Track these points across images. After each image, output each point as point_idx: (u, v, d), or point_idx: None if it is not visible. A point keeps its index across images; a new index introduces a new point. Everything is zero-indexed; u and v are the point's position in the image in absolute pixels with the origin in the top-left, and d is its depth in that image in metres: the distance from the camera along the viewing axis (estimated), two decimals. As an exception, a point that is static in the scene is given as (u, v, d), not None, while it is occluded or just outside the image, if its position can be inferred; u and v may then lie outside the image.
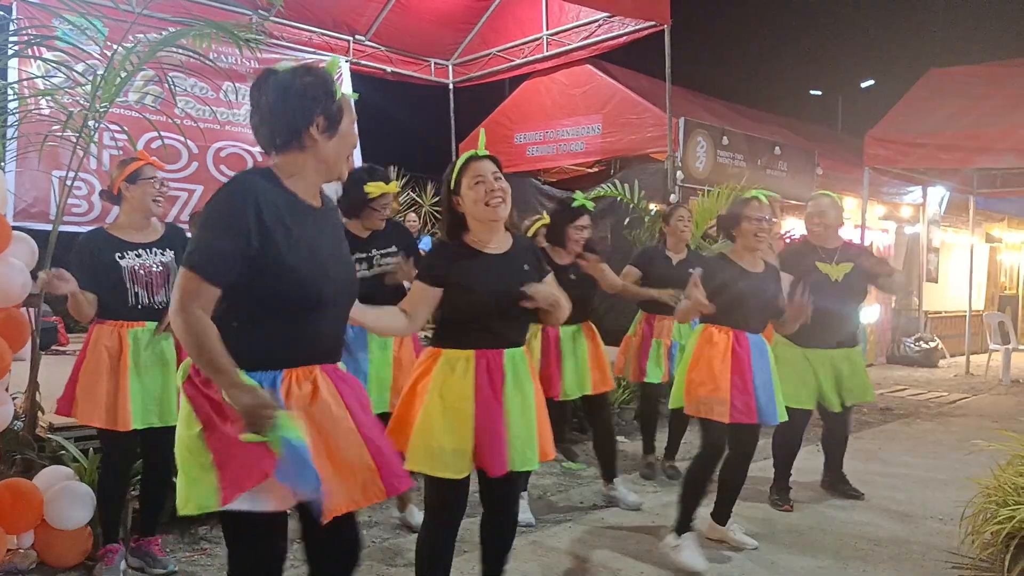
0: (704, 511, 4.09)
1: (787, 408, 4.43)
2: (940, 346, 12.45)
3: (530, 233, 4.69)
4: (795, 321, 3.96)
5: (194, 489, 2.03)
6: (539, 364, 4.42)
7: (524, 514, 4.35)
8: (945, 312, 13.53)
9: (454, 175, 2.84)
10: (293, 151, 2.12)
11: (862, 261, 4.78)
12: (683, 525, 3.90)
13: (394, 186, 3.99)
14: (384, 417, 2.70)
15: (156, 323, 3.54)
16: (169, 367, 3.53)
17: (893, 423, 7.63)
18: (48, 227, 4.75)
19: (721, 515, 4.17)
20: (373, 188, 3.85)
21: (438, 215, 10.31)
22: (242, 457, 1.98)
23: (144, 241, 3.59)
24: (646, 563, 3.91)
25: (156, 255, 3.58)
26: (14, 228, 3.64)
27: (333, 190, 3.10)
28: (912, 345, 12.28)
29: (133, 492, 3.81)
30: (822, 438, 5.24)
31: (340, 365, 2.27)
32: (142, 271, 3.52)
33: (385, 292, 3.69)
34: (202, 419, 2.03)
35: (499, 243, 2.88)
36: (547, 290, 2.82)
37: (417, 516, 4.15)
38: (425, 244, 8.99)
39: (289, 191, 2.12)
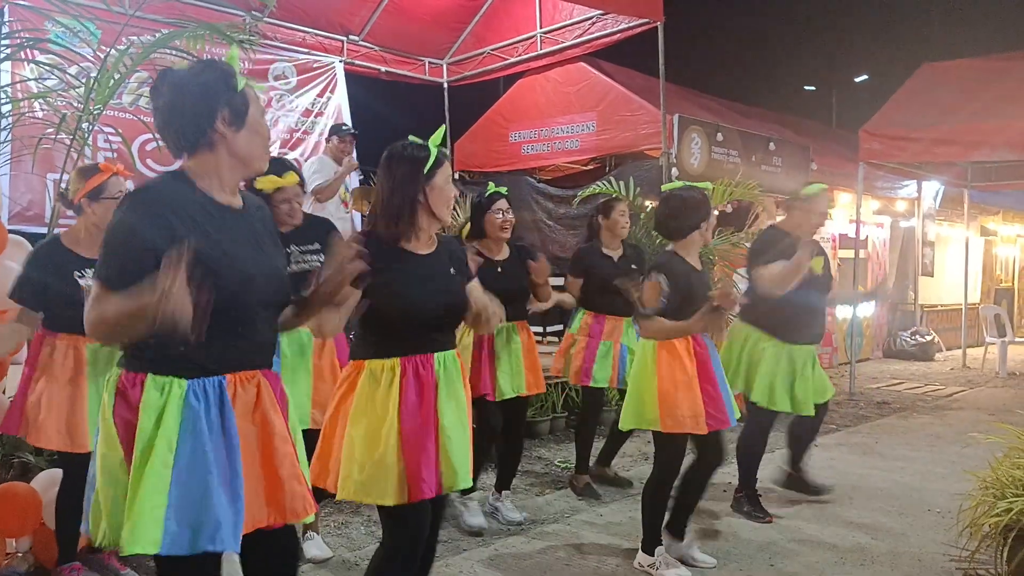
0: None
1: (759, 408, 4.45)
2: (936, 340, 12.48)
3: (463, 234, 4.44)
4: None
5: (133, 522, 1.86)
6: (470, 362, 4.16)
7: (476, 518, 4.26)
8: (941, 306, 13.57)
9: (428, 168, 2.60)
10: (203, 150, 2.03)
11: (825, 256, 4.63)
12: (652, 541, 3.73)
13: (291, 178, 3.60)
14: (308, 435, 2.42)
15: None
16: None
17: (890, 417, 7.64)
18: (43, 230, 4.74)
19: (679, 530, 3.89)
20: (264, 183, 3.47)
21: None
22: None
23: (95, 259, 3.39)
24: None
25: None
26: (9, 231, 3.63)
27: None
28: (908, 339, 12.30)
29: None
30: (789, 433, 4.93)
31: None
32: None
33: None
34: (125, 448, 1.91)
35: (427, 243, 2.68)
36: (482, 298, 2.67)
37: (311, 547, 3.83)
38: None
39: (203, 192, 2.02)
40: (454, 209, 10.70)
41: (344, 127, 6.47)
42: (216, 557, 1.98)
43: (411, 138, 2.66)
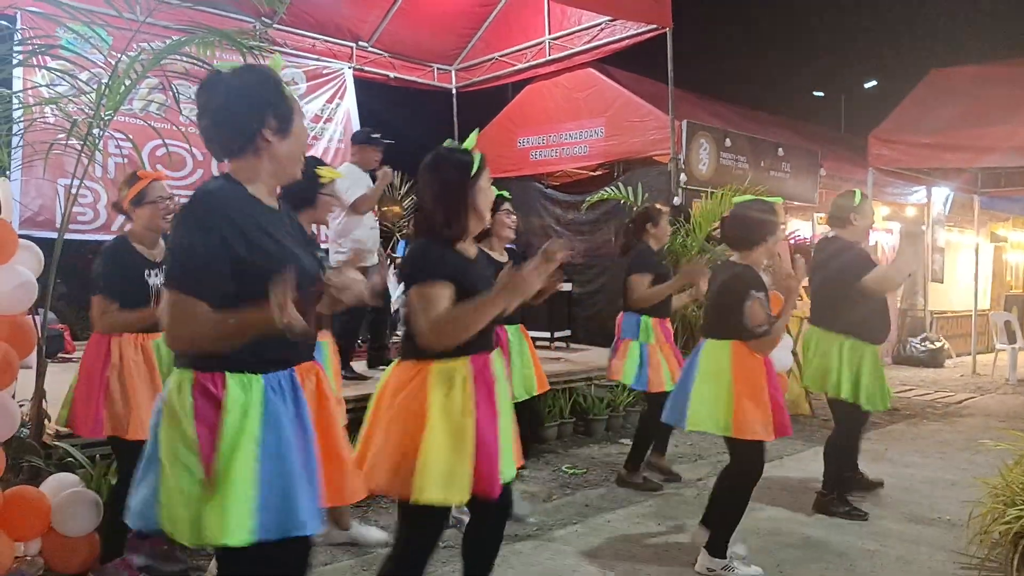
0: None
1: (854, 410, 4.68)
2: (946, 346, 12.42)
3: None
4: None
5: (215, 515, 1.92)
6: None
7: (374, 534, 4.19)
8: (951, 312, 13.51)
9: (473, 172, 2.65)
10: (248, 156, 2.08)
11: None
12: (722, 548, 3.78)
13: (337, 173, 3.73)
14: None
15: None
16: None
17: (900, 423, 7.61)
18: (54, 235, 4.76)
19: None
20: (327, 173, 3.55)
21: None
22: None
23: (159, 260, 3.55)
24: (653, 565, 3.91)
25: None
26: (20, 237, 3.65)
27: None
28: (918, 345, 12.25)
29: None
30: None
31: None
32: (161, 289, 3.50)
33: None
34: (204, 447, 1.96)
35: (472, 246, 2.78)
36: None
37: (364, 532, 4.10)
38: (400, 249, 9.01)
39: (251, 195, 2.08)
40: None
41: (375, 135, 6.30)
42: (302, 541, 2.07)
43: (448, 142, 2.74)
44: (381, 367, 6.16)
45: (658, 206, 5.48)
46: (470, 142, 2.31)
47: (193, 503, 1.94)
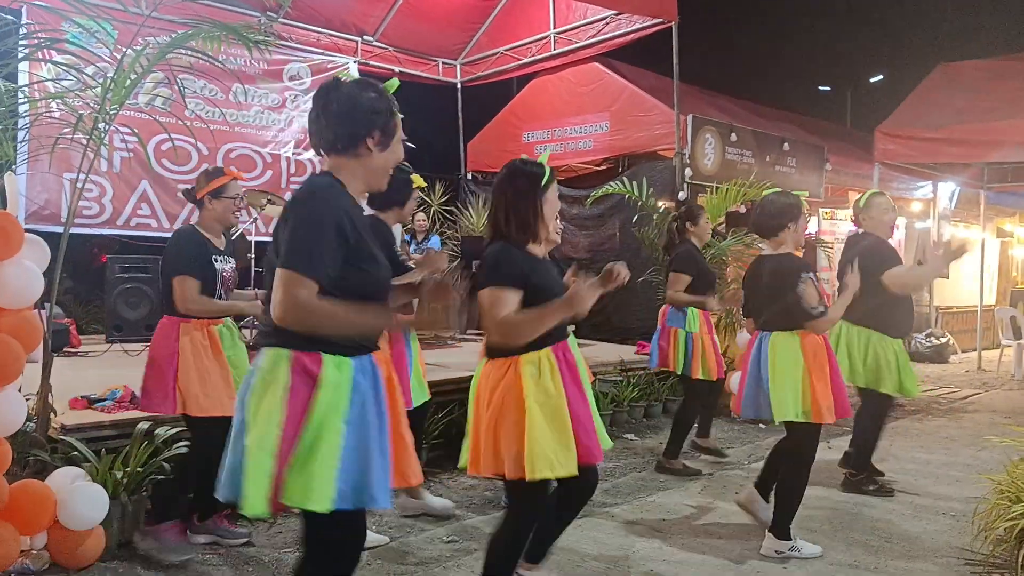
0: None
1: (880, 397, 5.00)
2: (951, 342, 12.40)
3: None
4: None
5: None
6: None
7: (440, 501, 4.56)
8: (956, 307, 13.48)
9: (543, 183, 2.96)
10: (349, 157, 2.31)
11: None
12: (786, 531, 3.97)
13: (421, 180, 4.26)
14: None
15: (227, 320, 3.93)
16: (243, 355, 3.92)
17: (904, 419, 7.60)
18: (59, 229, 4.77)
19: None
20: (418, 180, 4.13)
21: (446, 215, 10.32)
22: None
23: (221, 248, 3.95)
24: (709, 538, 3.92)
25: (229, 262, 3.96)
26: (25, 231, 3.66)
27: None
28: (923, 341, 12.23)
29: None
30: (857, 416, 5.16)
31: None
32: (224, 274, 3.89)
33: None
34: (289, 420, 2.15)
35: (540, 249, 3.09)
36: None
37: (432, 500, 4.52)
38: (434, 243, 9.00)
39: (351, 197, 2.32)
40: (466, 209, 10.67)
41: None
42: (363, 514, 2.31)
43: (523, 157, 3.12)
44: None
45: (699, 204, 5.76)
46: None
47: (268, 472, 2.11)
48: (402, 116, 2.39)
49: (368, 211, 4.81)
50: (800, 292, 3.84)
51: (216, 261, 3.84)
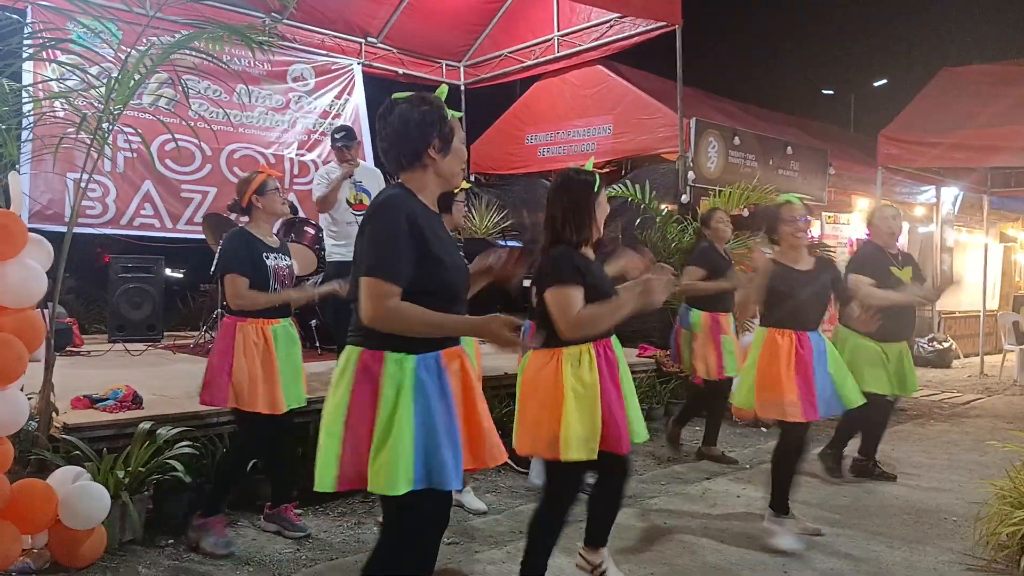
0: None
1: (867, 392, 4.93)
2: (954, 346, 12.38)
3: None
4: (866, 327, 4.45)
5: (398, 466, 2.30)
6: None
7: (477, 503, 4.65)
8: (959, 312, 13.45)
9: (595, 189, 3.24)
10: (417, 170, 2.48)
11: (915, 264, 5.34)
12: (781, 504, 4.19)
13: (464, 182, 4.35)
14: None
15: (287, 319, 4.09)
16: (297, 355, 4.11)
17: (907, 424, 7.59)
18: (63, 229, 4.78)
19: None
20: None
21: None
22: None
23: (274, 246, 4.10)
24: (723, 543, 3.91)
25: (284, 259, 4.11)
26: (29, 230, 3.66)
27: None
28: (926, 345, 12.21)
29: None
30: (863, 425, 5.47)
31: None
32: (278, 270, 4.02)
33: None
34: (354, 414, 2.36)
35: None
36: None
37: (473, 500, 4.64)
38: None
39: (421, 202, 2.47)
40: (469, 211, 10.62)
41: (337, 135, 6.07)
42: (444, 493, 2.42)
43: (574, 166, 3.39)
44: None
45: (715, 208, 6.08)
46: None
47: (336, 455, 2.34)
48: (460, 115, 2.55)
49: None
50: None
51: (268, 258, 3.99)
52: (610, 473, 3.32)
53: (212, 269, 4.21)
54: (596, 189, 3.25)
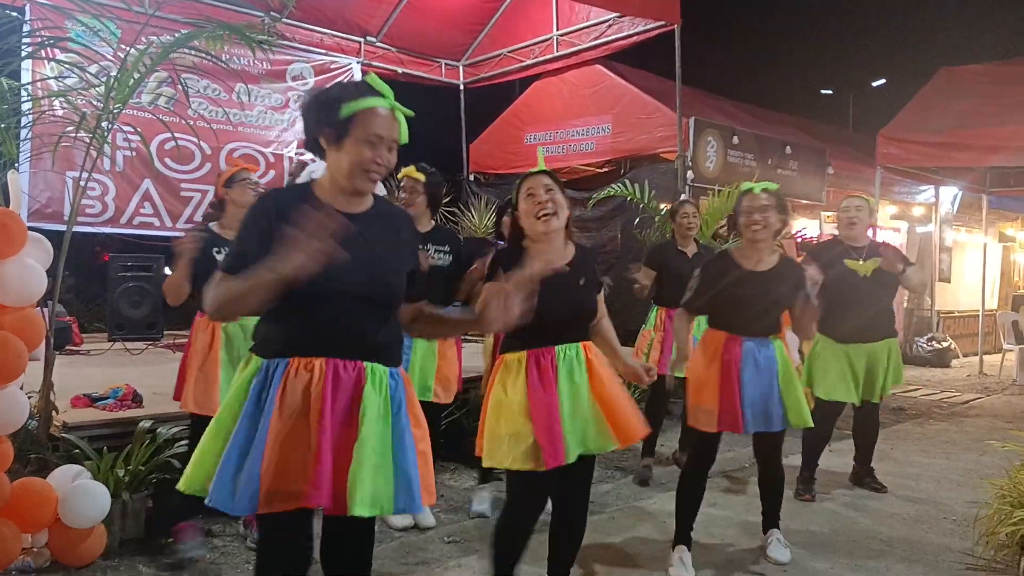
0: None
1: (820, 400, 4.87)
2: (953, 346, 12.39)
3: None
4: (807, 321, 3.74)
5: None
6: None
7: (482, 505, 4.50)
8: (958, 312, 13.47)
9: (515, 192, 3.07)
10: (320, 156, 2.28)
11: (888, 256, 4.82)
12: (680, 536, 3.81)
13: (411, 170, 4.33)
14: (429, 407, 3.25)
15: (244, 320, 3.79)
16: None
17: (906, 423, 7.60)
18: (62, 227, 4.78)
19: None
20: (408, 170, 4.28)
21: (448, 216, 10.36)
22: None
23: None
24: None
25: None
26: (28, 229, 3.66)
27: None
28: (925, 345, 12.22)
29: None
30: (853, 431, 5.34)
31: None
32: None
33: (434, 287, 3.69)
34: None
35: (558, 255, 3.00)
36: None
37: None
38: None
39: (315, 197, 2.22)
40: (468, 210, 10.59)
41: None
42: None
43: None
44: None
45: (681, 201, 5.68)
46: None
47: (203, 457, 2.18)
48: (409, 113, 2.26)
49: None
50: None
51: (219, 253, 3.73)
52: (558, 492, 3.10)
53: None
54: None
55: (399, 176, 4.32)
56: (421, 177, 4.32)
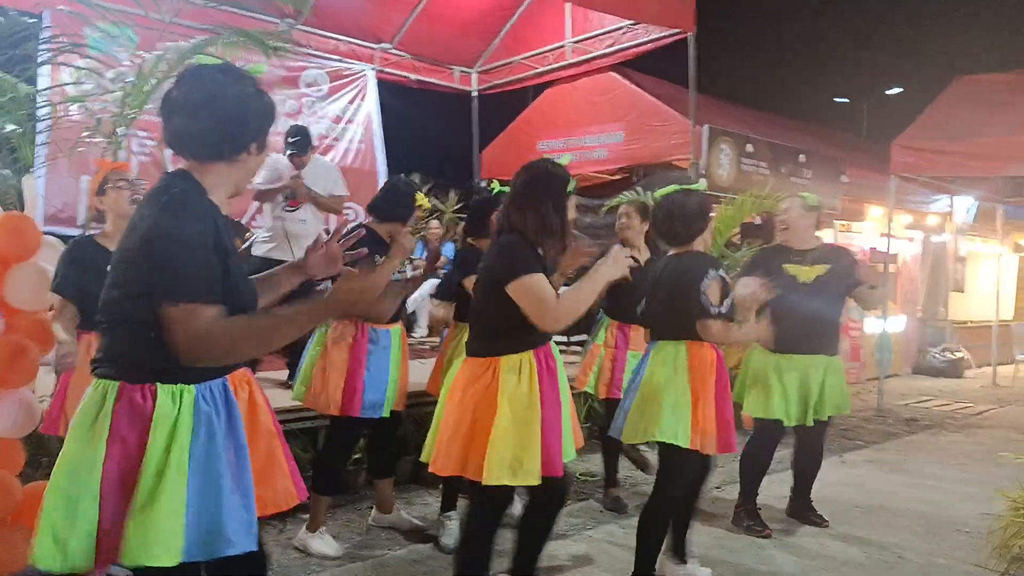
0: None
1: (755, 419, 4.45)
2: (967, 356, 12.30)
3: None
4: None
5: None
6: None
7: (452, 537, 4.04)
8: (971, 322, 13.37)
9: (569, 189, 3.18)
10: (224, 163, 2.02)
11: (841, 264, 4.42)
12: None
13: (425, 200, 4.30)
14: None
15: None
16: None
17: (919, 434, 7.54)
18: (76, 232, 4.80)
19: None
20: (422, 199, 4.13)
21: (460, 222, 10.38)
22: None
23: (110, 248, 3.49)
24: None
25: None
26: (43, 233, 3.68)
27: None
28: (938, 355, 12.14)
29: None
30: (793, 457, 4.76)
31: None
32: None
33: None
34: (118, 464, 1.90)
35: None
36: None
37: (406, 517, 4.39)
38: (448, 251, 9.00)
39: (215, 205, 2.02)
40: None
41: (290, 139, 5.75)
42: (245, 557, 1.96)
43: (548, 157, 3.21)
44: None
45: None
46: (564, 159, 2.64)
47: (89, 525, 1.88)
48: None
49: (364, 219, 4.71)
50: (703, 288, 3.33)
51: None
52: (543, 497, 2.97)
53: None
54: (570, 189, 3.14)
55: None
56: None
